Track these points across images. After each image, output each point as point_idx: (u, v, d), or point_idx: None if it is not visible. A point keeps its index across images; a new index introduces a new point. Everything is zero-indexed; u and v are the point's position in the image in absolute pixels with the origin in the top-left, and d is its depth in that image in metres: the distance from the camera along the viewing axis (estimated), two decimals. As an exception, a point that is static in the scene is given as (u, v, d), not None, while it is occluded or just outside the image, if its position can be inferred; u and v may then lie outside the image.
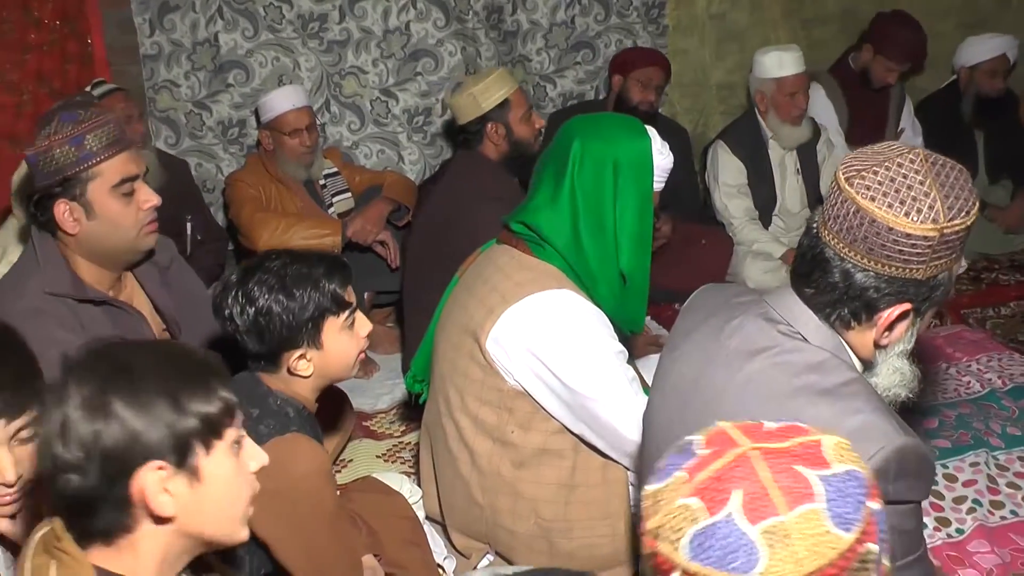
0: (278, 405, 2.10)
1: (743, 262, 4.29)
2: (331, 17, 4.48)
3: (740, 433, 1.06)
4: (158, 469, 1.27)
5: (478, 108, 3.47)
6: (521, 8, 4.80)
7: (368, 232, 3.89)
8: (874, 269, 1.52)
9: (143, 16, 4.36)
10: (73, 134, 2.25)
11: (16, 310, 2.29)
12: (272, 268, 2.07)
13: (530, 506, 2.33)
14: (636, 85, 4.44)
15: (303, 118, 4.02)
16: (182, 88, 4.48)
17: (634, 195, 2.24)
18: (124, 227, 2.37)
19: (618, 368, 2.24)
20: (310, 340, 2.08)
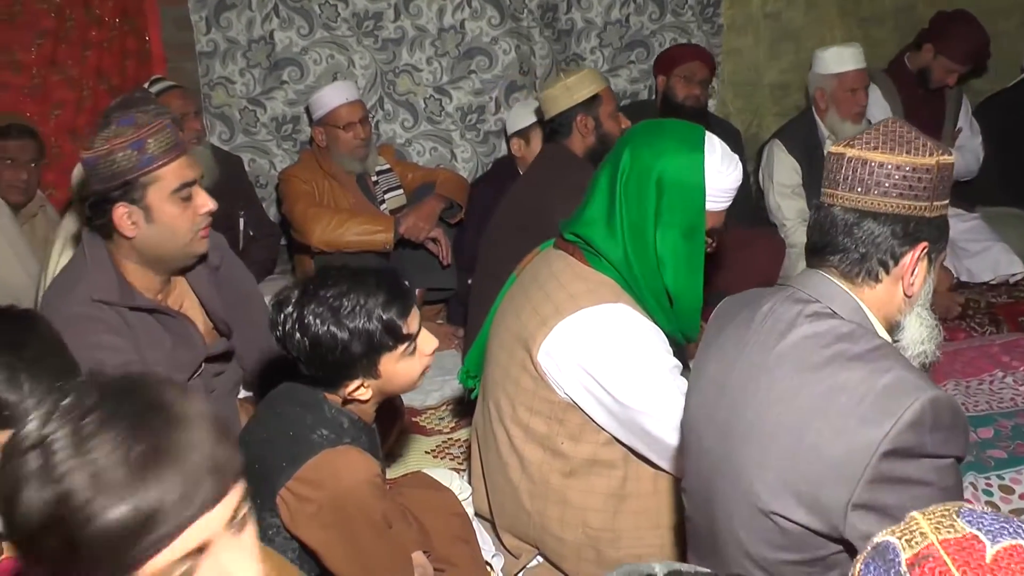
0: (332, 414, 2.08)
1: (795, 265, 4.23)
2: (386, 15, 4.50)
3: (956, 568, 0.90)
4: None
5: (570, 99, 3.49)
6: (576, 6, 4.80)
7: (420, 229, 3.91)
8: (891, 211, 1.62)
9: (200, 14, 4.41)
10: (134, 138, 2.25)
11: (64, 315, 2.30)
12: (327, 297, 1.99)
13: (579, 515, 2.31)
14: (679, 81, 4.43)
15: (356, 112, 4.05)
16: (237, 85, 4.53)
17: (679, 216, 2.14)
18: (180, 231, 2.38)
19: (671, 383, 2.18)
20: (366, 372, 2.04)
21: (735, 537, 1.68)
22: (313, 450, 1.99)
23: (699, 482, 1.82)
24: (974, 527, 0.94)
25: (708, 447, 1.77)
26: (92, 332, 2.28)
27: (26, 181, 3.82)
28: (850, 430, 1.51)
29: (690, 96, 4.40)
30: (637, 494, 2.31)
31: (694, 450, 1.85)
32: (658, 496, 2.31)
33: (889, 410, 1.48)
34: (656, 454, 2.24)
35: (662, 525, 2.31)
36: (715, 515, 1.74)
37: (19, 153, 3.76)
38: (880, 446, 1.47)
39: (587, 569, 2.33)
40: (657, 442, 2.20)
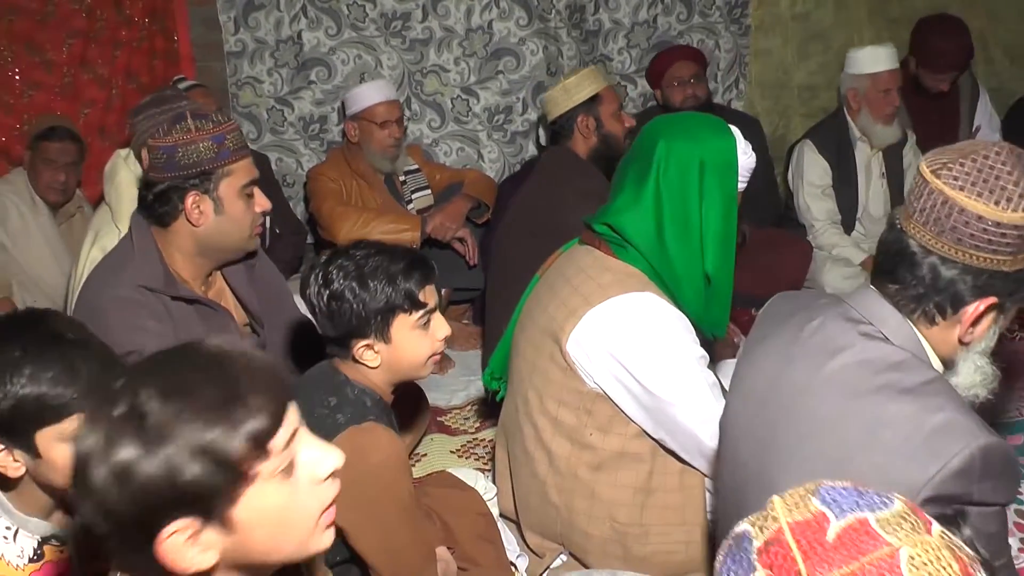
0: (355, 395, 2.10)
1: (822, 267, 4.21)
2: (414, 16, 4.52)
3: (800, 553, 0.89)
4: (179, 531, 1.11)
5: (569, 100, 3.50)
6: (603, 7, 4.79)
7: (447, 229, 3.91)
8: (962, 261, 1.50)
9: (228, 14, 4.44)
10: (215, 132, 2.35)
11: (109, 297, 2.37)
12: (354, 256, 2.08)
13: (606, 509, 2.31)
14: (672, 88, 4.44)
15: (393, 111, 4.06)
16: (264, 84, 4.55)
17: (719, 195, 2.20)
18: (243, 226, 2.47)
19: (699, 373, 2.20)
20: (378, 332, 2.08)
21: None
22: (339, 428, 2.01)
23: (731, 490, 1.80)
24: (825, 505, 0.92)
25: (744, 460, 1.74)
26: (136, 315, 2.34)
27: (64, 182, 3.88)
28: (892, 469, 1.45)
29: (687, 99, 4.40)
30: (664, 488, 2.31)
31: (729, 457, 1.82)
32: (684, 492, 2.32)
33: (936, 454, 1.42)
34: (682, 447, 2.25)
35: (688, 521, 2.31)
36: None
37: (59, 155, 3.82)
38: (922, 491, 1.40)
39: (613, 565, 2.33)
40: (684, 434, 2.21)
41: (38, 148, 3.82)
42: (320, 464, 1.22)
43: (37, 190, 3.85)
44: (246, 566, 1.21)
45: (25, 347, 1.58)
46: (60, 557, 1.72)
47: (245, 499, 1.13)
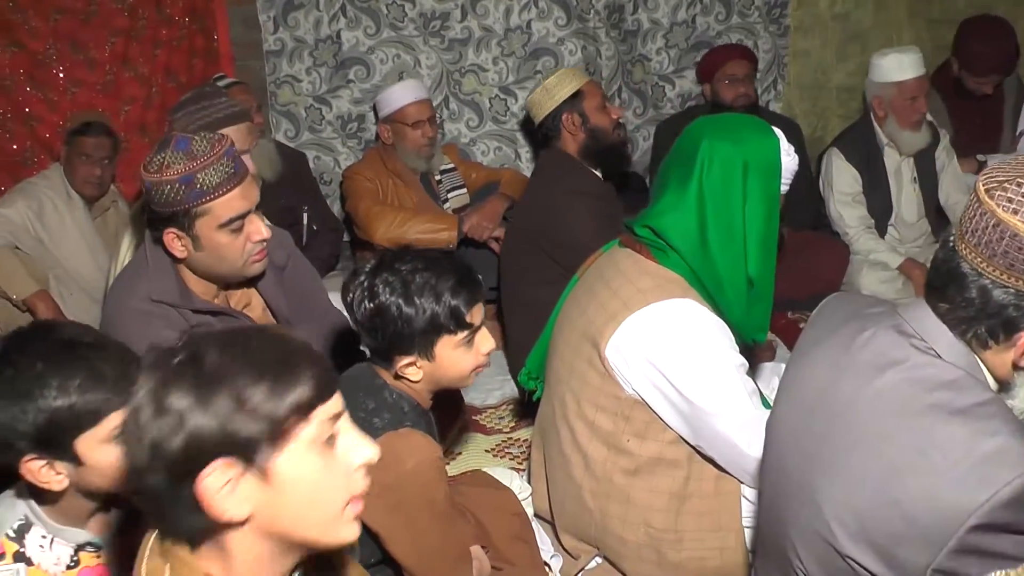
0: (393, 399, 2.10)
1: (859, 272, 4.18)
2: (453, 15, 4.52)
3: None
4: (220, 470, 1.16)
5: (552, 100, 3.51)
6: (642, 7, 4.78)
7: (484, 228, 3.91)
8: (1014, 286, 1.43)
9: (268, 14, 4.46)
10: (184, 171, 2.22)
11: (126, 308, 2.38)
12: (400, 270, 2.04)
13: (641, 515, 2.29)
14: (723, 85, 4.41)
15: (424, 110, 4.08)
16: (303, 83, 4.57)
17: (763, 197, 2.17)
18: (230, 259, 2.38)
19: (738, 382, 2.18)
20: (421, 350, 2.06)
21: (806, 567, 1.61)
22: (375, 433, 2.00)
23: (774, 499, 1.77)
24: None
25: (789, 470, 1.70)
26: (152, 327, 2.31)
27: (100, 176, 3.91)
28: (940, 493, 1.39)
29: (738, 97, 4.38)
30: (700, 495, 2.29)
31: (773, 466, 1.79)
32: (720, 498, 2.30)
33: (987, 481, 1.36)
34: (720, 455, 2.23)
35: (723, 527, 2.29)
36: (787, 538, 1.66)
37: (95, 150, 3.85)
38: (970, 519, 1.36)
39: (647, 570, 2.32)
40: (722, 441, 2.19)
41: (74, 143, 3.85)
42: (355, 452, 1.26)
43: (73, 184, 3.89)
44: (275, 534, 1.24)
45: (45, 359, 1.58)
46: (96, 563, 1.73)
47: (284, 454, 1.18)
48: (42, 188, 3.86)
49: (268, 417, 1.16)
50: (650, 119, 4.89)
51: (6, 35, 4.26)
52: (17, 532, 1.67)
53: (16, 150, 4.35)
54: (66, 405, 1.56)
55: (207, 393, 1.14)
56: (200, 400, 1.14)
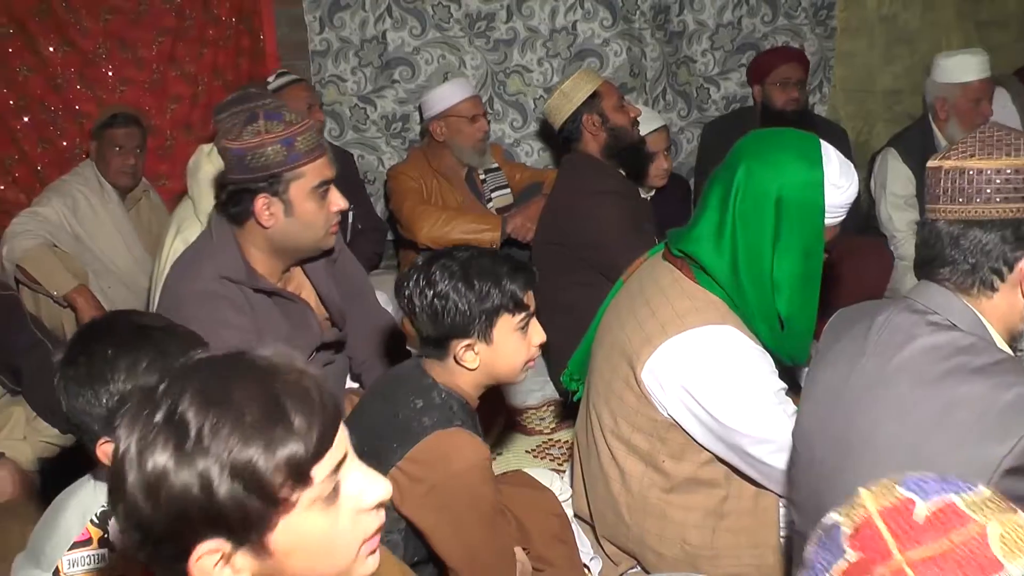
0: (442, 398, 2.10)
1: (904, 277, 4.09)
2: (498, 16, 4.54)
3: (890, 534, 0.91)
4: (208, 554, 1.06)
5: (570, 103, 3.51)
6: (688, 8, 4.76)
7: (527, 229, 3.91)
8: (997, 217, 1.58)
9: (314, 14, 4.50)
10: (284, 135, 2.33)
11: (192, 291, 2.41)
12: (458, 257, 2.08)
13: (678, 531, 2.27)
14: (775, 89, 4.36)
15: (479, 105, 4.11)
16: (348, 83, 4.60)
17: (798, 237, 2.06)
18: (315, 226, 2.46)
19: (776, 408, 2.12)
20: (481, 332, 2.07)
21: None
22: (425, 431, 2.02)
23: (810, 494, 1.78)
24: (911, 491, 0.94)
25: (821, 458, 1.73)
26: (219, 309, 2.37)
27: (133, 166, 3.98)
28: (969, 445, 1.47)
29: (789, 101, 4.33)
30: (737, 512, 2.27)
31: (805, 460, 1.81)
32: (758, 515, 2.27)
33: (1012, 428, 1.44)
34: (760, 474, 2.20)
35: (761, 544, 2.26)
36: None
37: (126, 141, 3.91)
38: (1003, 463, 1.43)
39: (683, 587, 2.31)
40: (761, 464, 2.16)
41: (104, 136, 3.90)
42: (367, 494, 1.15)
43: (108, 177, 3.94)
44: None
45: (116, 345, 1.61)
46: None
47: (282, 525, 1.07)
48: (75, 185, 3.92)
49: (258, 488, 1.03)
50: (694, 121, 4.88)
51: (59, 34, 4.34)
52: (100, 518, 1.67)
53: (66, 147, 4.42)
54: (136, 388, 1.56)
55: (188, 460, 1.02)
56: (180, 467, 1.02)
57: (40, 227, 3.73)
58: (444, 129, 4.06)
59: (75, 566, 1.64)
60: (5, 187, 4.44)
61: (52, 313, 3.60)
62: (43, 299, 3.62)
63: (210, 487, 1.01)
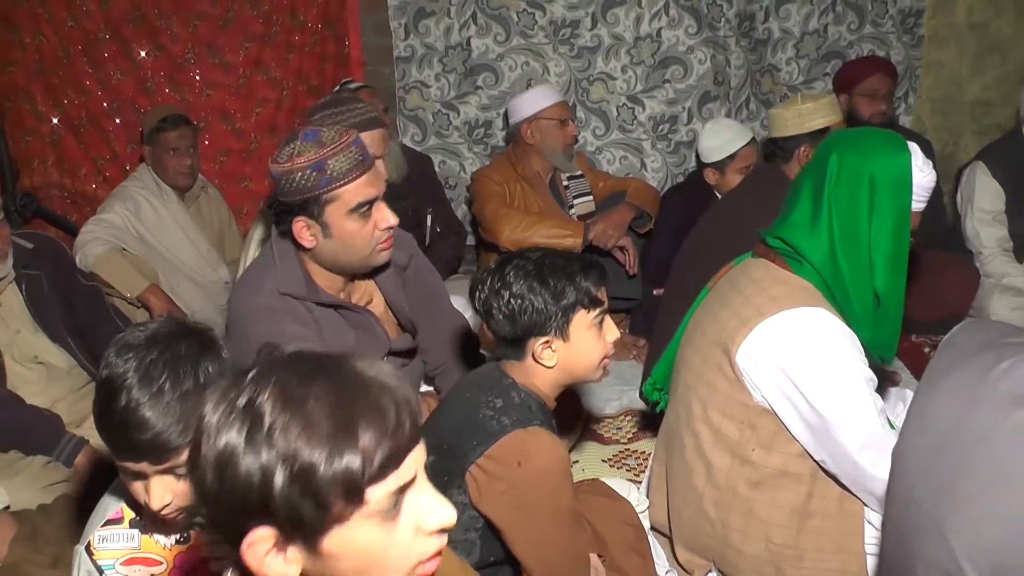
0: (521, 399, 2.11)
1: (990, 296, 3.98)
2: (583, 23, 4.53)
3: None
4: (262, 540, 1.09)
5: (799, 126, 3.38)
6: (773, 16, 4.72)
7: (610, 237, 3.90)
8: None
9: (399, 21, 4.54)
10: (315, 159, 2.29)
11: (252, 307, 2.43)
12: (531, 257, 2.11)
13: (762, 529, 2.27)
14: (863, 100, 4.26)
15: (567, 110, 4.11)
16: (431, 89, 4.64)
17: (891, 213, 2.15)
18: (358, 247, 2.42)
19: (867, 395, 2.15)
20: (558, 329, 2.08)
21: None
22: (504, 430, 2.02)
23: (901, 531, 1.72)
24: None
25: (918, 500, 1.64)
26: (279, 322, 2.38)
27: (190, 166, 4.02)
28: None
29: (876, 113, 4.23)
30: (822, 513, 2.26)
31: (901, 496, 1.74)
32: (843, 519, 2.25)
33: None
34: (842, 472, 2.19)
35: (845, 550, 2.24)
36: (914, 572, 1.60)
37: (179, 142, 3.96)
38: None
39: (764, 586, 2.30)
40: (844, 456, 2.15)
41: (157, 140, 3.94)
42: (430, 517, 1.14)
43: (166, 179, 3.99)
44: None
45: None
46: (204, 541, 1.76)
47: (334, 532, 1.08)
48: (135, 189, 3.98)
49: (312, 495, 1.05)
50: (778, 130, 4.81)
51: (150, 40, 4.45)
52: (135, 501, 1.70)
53: (154, 148, 4.51)
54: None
55: (255, 448, 1.05)
56: (247, 452, 1.06)
57: (107, 232, 3.80)
58: (535, 132, 4.06)
59: (105, 542, 1.71)
60: (97, 186, 4.59)
61: (128, 314, 3.65)
62: (117, 302, 3.68)
63: (269, 480, 1.04)
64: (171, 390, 1.54)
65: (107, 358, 1.58)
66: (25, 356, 3.02)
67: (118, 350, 1.57)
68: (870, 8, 4.76)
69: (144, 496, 1.59)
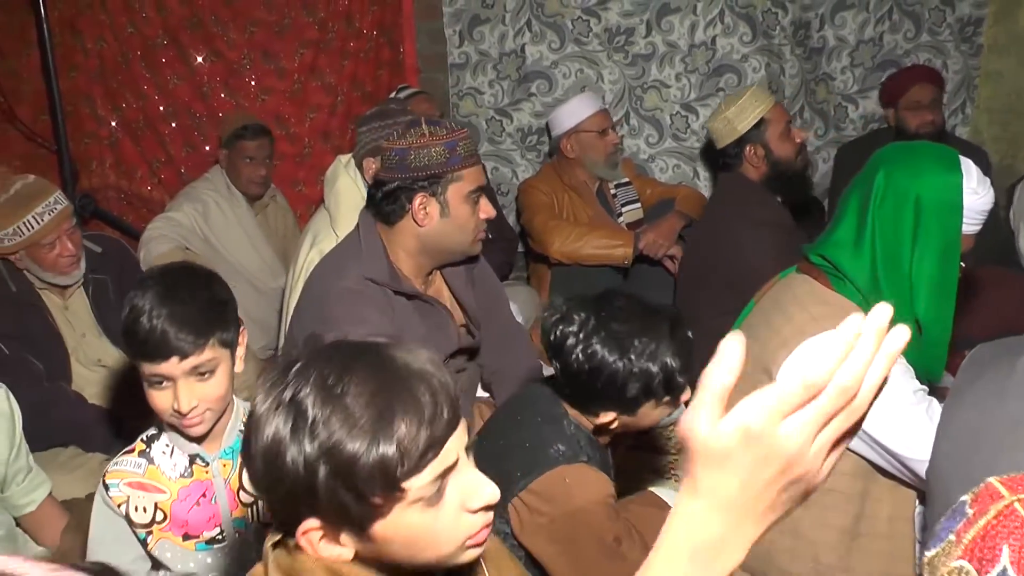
0: (571, 432, 2.08)
1: (1047, 312, 3.93)
2: (637, 31, 4.52)
3: (1004, 487, 0.98)
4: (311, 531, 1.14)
5: (734, 132, 3.43)
6: (829, 24, 4.68)
7: (660, 246, 3.89)
8: None
9: (454, 28, 4.56)
10: (448, 138, 2.44)
11: (336, 288, 2.47)
12: (618, 332, 1.99)
13: (810, 549, 2.24)
14: (908, 113, 4.23)
15: (608, 118, 4.12)
16: (485, 95, 4.65)
17: (936, 238, 2.06)
18: (466, 230, 2.53)
19: (917, 408, 2.07)
20: (626, 409, 2.04)
21: None
22: (549, 464, 2.00)
23: None
24: None
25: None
26: (360, 306, 2.42)
27: (264, 177, 4.08)
28: None
29: (923, 124, 4.18)
30: (871, 534, 2.22)
31: (940, 503, 1.75)
32: (893, 540, 2.22)
33: None
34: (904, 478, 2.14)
35: (895, 573, 2.20)
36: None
37: (257, 152, 4.01)
38: None
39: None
40: (911, 472, 2.09)
41: (235, 147, 4.01)
42: (474, 496, 1.18)
43: (239, 186, 4.05)
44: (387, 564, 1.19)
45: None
46: (206, 477, 1.97)
47: (379, 522, 1.12)
48: (206, 190, 4.05)
49: (352, 488, 1.09)
50: (831, 141, 4.79)
51: (207, 46, 4.50)
52: (148, 438, 1.98)
53: (208, 151, 4.59)
54: None
55: (299, 440, 1.09)
56: (291, 444, 1.10)
57: (173, 231, 3.86)
58: (574, 145, 4.07)
59: (116, 466, 1.95)
60: (152, 188, 4.65)
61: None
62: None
63: (313, 473, 1.09)
64: (190, 297, 1.83)
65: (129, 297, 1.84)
66: (90, 359, 3.07)
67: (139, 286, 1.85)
68: (927, 16, 4.69)
69: (172, 405, 1.83)
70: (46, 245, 2.94)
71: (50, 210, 2.93)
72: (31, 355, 2.88)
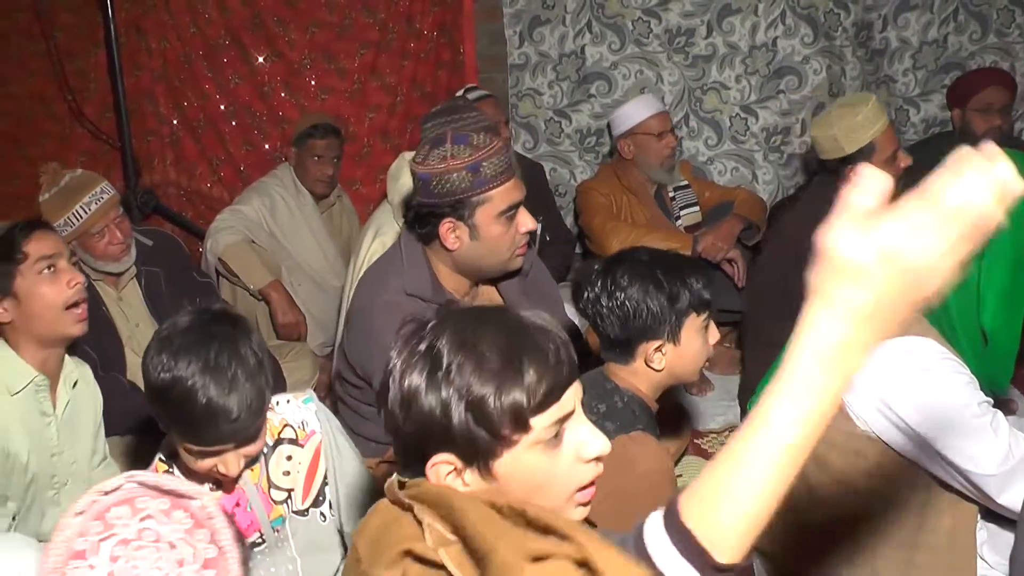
0: (624, 403, 2.10)
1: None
2: (698, 32, 4.51)
3: None
4: (443, 463, 1.24)
5: (840, 151, 3.35)
6: (891, 25, 4.62)
7: (719, 249, 3.86)
8: None
9: (514, 29, 4.57)
10: (470, 160, 2.33)
11: (377, 302, 2.47)
12: (641, 259, 2.10)
13: (869, 559, 2.19)
14: (976, 116, 4.10)
15: (667, 122, 4.08)
16: (544, 96, 4.66)
17: (1008, 246, 2.00)
18: (500, 250, 2.46)
19: (981, 420, 2.00)
20: (671, 333, 2.08)
21: None
22: (607, 436, 1.99)
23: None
24: None
25: None
26: (401, 317, 2.38)
27: (331, 176, 4.11)
28: None
29: (991, 130, 4.05)
30: (931, 548, 2.16)
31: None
32: (954, 553, 2.16)
33: None
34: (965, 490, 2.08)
35: None
36: None
37: (325, 151, 4.04)
38: None
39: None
40: (988, 500, 2.03)
41: (305, 145, 4.03)
42: (587, 446, 1.30)
43: (306, 184, 4.08)
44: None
45: None
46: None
47: (505, 457, 1.23)
48: (274, 187, 4.08)
49: (484, 422, 1.21)
50: (893, 144, 4.71)
51: (268, 46, 4.55)
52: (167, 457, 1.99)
53: (268, 150, 4.64)
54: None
55: (435, 387, 1.21)
56: (428, 391, 1.22)
57: (240, 224, 3.89)
58: (632, 147, 4.05)
59: None
60: (212, 185, 4.71)
61: (247, 305, 3.76)
62: (240, 292, 3.79)
63: (448, 412, 1.21)
64: (242, 375, 1.72)
65: (156, 360, 1.79)
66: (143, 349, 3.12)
67: (172, 352, 1.78)
68: (995, 17, 4.61)
69: (217, 469, 1.80)
70: (95, 234, 3.01)
71: (97, 199, 3.00)
72: (86, 345, 2.93)
